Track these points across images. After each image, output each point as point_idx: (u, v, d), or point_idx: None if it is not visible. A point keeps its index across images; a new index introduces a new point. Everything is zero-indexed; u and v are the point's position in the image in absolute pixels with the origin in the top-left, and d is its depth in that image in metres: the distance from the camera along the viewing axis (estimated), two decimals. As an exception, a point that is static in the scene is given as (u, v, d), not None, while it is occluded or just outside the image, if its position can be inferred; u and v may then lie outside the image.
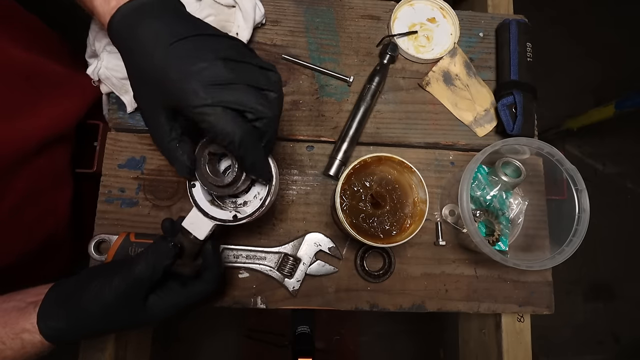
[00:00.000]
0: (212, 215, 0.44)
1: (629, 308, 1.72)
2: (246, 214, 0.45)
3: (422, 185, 0.52)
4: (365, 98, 0.63)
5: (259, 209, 0.45)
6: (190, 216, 0.45)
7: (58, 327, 0.40)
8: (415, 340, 1.60)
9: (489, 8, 0.76)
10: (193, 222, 0.45)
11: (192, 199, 0.45)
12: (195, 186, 0.45)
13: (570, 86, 1.91)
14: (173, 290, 0.44)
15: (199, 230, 0.45)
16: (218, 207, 0.46)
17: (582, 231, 0.55)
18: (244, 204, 0.48)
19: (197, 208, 0.45)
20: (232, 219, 0.44)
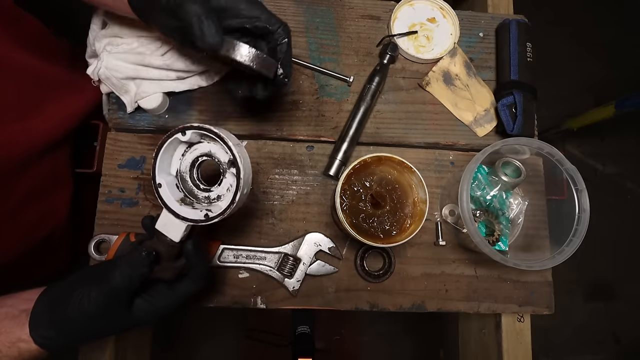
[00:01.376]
0: (182, 216, 0.42)
1: (629, 308, 1.72)
2: (219, 210, 0.42)
3: (422, 185, 0.52)
4: (365, 98, 0.62)
5: (229, 205, 0.42)
6: (162, 218, 0.43)
7: (49, 335, 0.40)
8: (415, 340, 1.60)
9: (489, 8, 0.76)
10: (165, 224, 0.43)
11: (161, 200, 0.42)
12: (162, 186, 0.43)
13: (570, 86, 1.90)
14: (160, 292, 0.43)
15: (173, 233, 0.43)
16: (189, 206, 0.43)
17: (582, 231, 0.55)
18: (218, 199, 0.44)
19: (166, 209, 0.42)
20: (204, 219, 0.42)
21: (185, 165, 0.44)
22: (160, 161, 0.42)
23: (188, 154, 0.44)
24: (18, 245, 0.54)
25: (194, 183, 0.45)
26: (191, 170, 0.45)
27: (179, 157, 0.44)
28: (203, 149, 0.44)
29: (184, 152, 0.44)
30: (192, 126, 0.41)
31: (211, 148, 0.43)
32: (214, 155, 0.43)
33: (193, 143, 0.44)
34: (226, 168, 0.43)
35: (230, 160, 0.42)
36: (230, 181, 0.43)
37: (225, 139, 0.40)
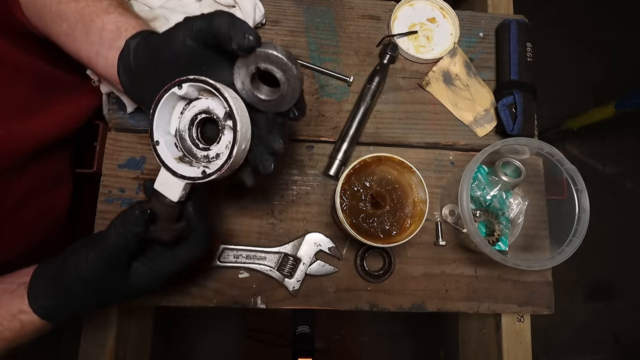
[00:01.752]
0: (180, 174, 0.40)
1: (629, 308, 1.72)
2: (217, 167, 0.40)
3: (422, 185, 0.52)
4: (365, 98, 0.63)
5: (227, 160, 0.40)
6: (159, 177, 0.42)
7: (48, 305, 0.40)
8: (415, 340, 1.60)
9: (489, 8, 0.76)
10: (163, 183, 0.41)
11: (158, 157, 0.41)
12: (160, 143, 0.41)
13: (570, 86, 1.91)
14: (159, 255, 0.43)
15: (170, 192, 0.41)
16: (187, 164, 0.41)
17: (582, 231, 0.55)
18: (217, 157, 0.42)
19: (163, 167, 0.41)
20: (201, 176, 0.40)
21: (184, 124, 0.43)
22: (158, 118, 0.41)
23: (187, 111, 0.43)
24: (17, 244, 0.54)
25: (193, 142, 0.44)
26: (190, 129, 0.43)
27: (177, 115, 0.43)
28: (201, 105, 0.42)
29: (183, 110, 0.43)
30: (188, 79, 0.39)
31: (209, 104, 0.42)
32: (212, 111, 0.42)
33: (191, 100, 0.42)
34: (224, 124, 0.41)
35: (226, 113, 0.41)
36: (229, 138, 0.41)
37: (221, 89, 0.39)
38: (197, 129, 0.43)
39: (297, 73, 0.40)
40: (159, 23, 0.59)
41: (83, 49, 0.47)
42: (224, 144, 0.42)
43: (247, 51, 0.38)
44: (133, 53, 0.43)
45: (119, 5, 0.48)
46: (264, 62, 0.39)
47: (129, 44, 0.43)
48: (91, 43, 0.46)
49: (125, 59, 0.43)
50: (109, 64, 0.45)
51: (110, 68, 0.45)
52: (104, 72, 0.47)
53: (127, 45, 0.43)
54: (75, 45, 0.48)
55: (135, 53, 0.43)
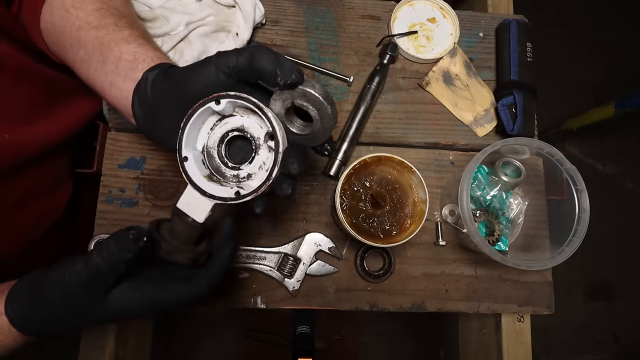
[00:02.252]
0: (210, 193, 0.38)
1: (629, 308, 1.72)
2: (251, 188, 0.38)
3: (422, 185, 0.52)
4: (365, 98, 0.63)
5: (265, 182, 0.37)
6: (185, 195, 0.39)
7: (23, 313, 0.38)
8: (415, 340, 1.60)
9: (489, 8, 0.76)
10: (189, 203, 0.38)
11: (186, 174, 0.38)
12: (188, 159, 0.38)
13: (570, 86, 1.91)
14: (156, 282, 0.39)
15: (196, 212, 0.38)
16: (217, 183, 0.39)
17: (582, 231, 0.55)
18: (248, 177, 0.40)
19: (191, 185, 0.38)
20: (234, 197, 0.37)
21: (214, 140, 0.40)
22: (188, 133, 0.38)
23: (217, 127, 0.40)
24: (15, 244, 0.54)
25: (222, 160, 0.41)
26: (219, 146, 0.40)
27: (207, 130, 0.40)
28: (235, 123, 0.39)
29: (213, 126, 0.40)
30: (229, 94, 0.37)
31: (244, 122, 0.39)
32: (247, 130, 0.39)
33: (225, 116, 0.40)
34: (260, 144, 0.39)
35: (268, 133, 0.38)
36: (264, 158, 0.39)
37: (264, 109, 0.37)
38: (227, 146, 0.41)
39: (332, 114, 0.40)
40: (159, 23, 0.59)
41: (97, 78, 0.46)
42: (257, 164, 0.40)
43: (290, 87, 0.38)
44: (151, 86, 0.41)
45: (140, 35, 0.47)
46: (301, 98, 0.39)
47: (146, 77, 0.42)
48: (106, 72, 0.45)
49: (142, 92, 0.42)
50: (122, 95, 0.44)
51: (124, 99, 0.44)
52: (117, 103, 0.45)
53: (144, 77, 0.42)
54: (90, 73, 0.46)
55: (153, 86, 0.41)
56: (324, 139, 0.42)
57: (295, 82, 0.37)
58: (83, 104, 0.60)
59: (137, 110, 0.43)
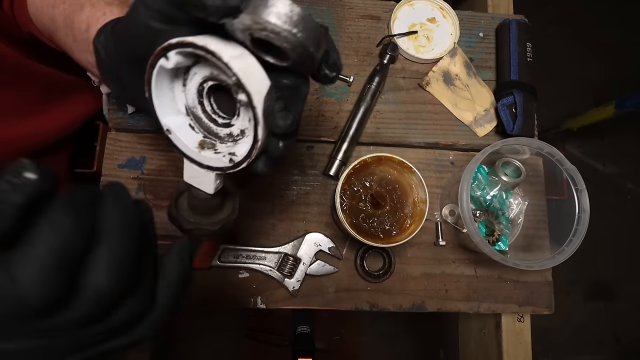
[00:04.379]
0: (206, 165, 0.33)
1: (629, 308, 1.72)
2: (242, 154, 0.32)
3: (422, 185, 0.52)
4: (365, 98, 0.63)
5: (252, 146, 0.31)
6: (185, 169, 0.35)
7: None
8: (415, 340, 1.60)
9: (489, 8, 0.76)
10: (193, 176, 0.35)
11: (175, 148, 0.33)
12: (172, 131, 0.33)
13: (570, 86, 1.90)
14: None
15: (204, 184, 0.35)
16: (211, 150, 0.34)
17: (582, 231, 0.55)
18: (242, 134, 0.33)
19: (186, 158, 0.34)
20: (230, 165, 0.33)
21: (192, 98, 0.34)
22: (158, 101, 0.32)
23: (188, 82, 0.33)
24: None
25: (209, 118, 0.34)
26: (201, 102, 0.34)
27: (180, 89, 0.34)
28: (203, 73, 0.32)
29: (184, 82, 0.33)
30: (171, 44, 0.28)
31: (212, 70, 0.31)
32: (217, 77, 0.32)
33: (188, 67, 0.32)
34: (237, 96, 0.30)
35: (235, 84, 0.29)
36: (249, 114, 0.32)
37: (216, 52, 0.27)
38: (209, 99, 0.34)
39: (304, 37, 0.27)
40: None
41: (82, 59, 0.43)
42: (245, 116, 0.32)
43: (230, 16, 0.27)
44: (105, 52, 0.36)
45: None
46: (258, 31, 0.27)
47: (96, 47, 0.36)
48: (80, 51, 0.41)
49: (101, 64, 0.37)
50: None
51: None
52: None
53: (95, 48, 0.37)
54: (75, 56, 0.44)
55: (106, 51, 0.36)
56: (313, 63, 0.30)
57: (228, 11, 0.26)
58: (81, 102, 0.60)
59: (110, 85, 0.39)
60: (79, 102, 0.59)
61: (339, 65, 0.33)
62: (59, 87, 0.57)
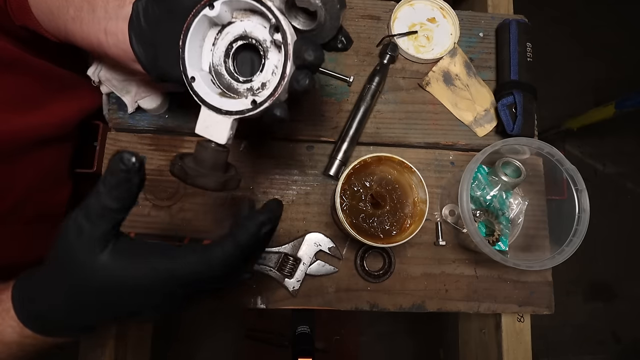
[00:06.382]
0: (225, 110, 0.35)
1: (629, 308, 1.72)
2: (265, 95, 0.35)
3: (422, 185, 0.52)
4: (365, 98, 0.63)
5: (280, 80, 0.35)
6: (201, 118, 0.36)
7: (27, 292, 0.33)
8: (415, 340, 1.60)
9: (489, 8, 0.76)
10: (207, 126, 0.36)
11: (196, 95, 0.36)
12: (196, 79, 0.36)
13: (570, 86, 1.91)
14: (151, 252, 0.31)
15: (216, 134, 0.36)
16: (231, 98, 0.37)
17: (582, 231, 0.55)
18: (262, 87, 0.37)
19: (204, 105, 0.36)
20: (251, 106, 0.35)
21: (219, 56, 0.38)
22: (189, 51, 0.36)
23: (219, 41, 0.38)
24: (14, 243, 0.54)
25: (232, 75, 0.38)
26: (226, 61, 0.38)
27: (209, 48, 0.38)
28: (236, 31, 0.37)
29: (215, 41, 0.38)
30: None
31: (245, 26, 0.37)
32: (250, 34, 0.37)
33: (224, 26, 0.37)
34: (267, 47, 0.36)
35: (272, 26, 0.35)
36: (275, 62, 0.36)
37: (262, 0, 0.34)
38: (234, 60, 0.38)
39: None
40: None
41: (92, 31, 0.42)
42: (269, 70, 0.36)
43: None
44: (143, 14, 0.38)
45: None
46: None
47: (137, 6, 0.38)
48: (99, 21, 0.41)
49: (136, 25, 0.38)
50: (119, 38, 0.40)
51: (122, 44, 0.40)
52: (117, 51, 0.42)
53: (134, 8, 0.38)
54: (83, 29, 0.44)
55: (145, 14, 0.38)
56: (333, 30, 0.38)
57: None
58: (79, 99, 0.59)
59: (136, 48, 0.39)
60: (77, 97, 0.59)
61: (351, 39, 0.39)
62: (56, 81, 0.56)
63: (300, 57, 0.35)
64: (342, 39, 0.39)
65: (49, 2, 0.46)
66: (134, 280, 0.31)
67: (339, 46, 0.40)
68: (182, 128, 0.61)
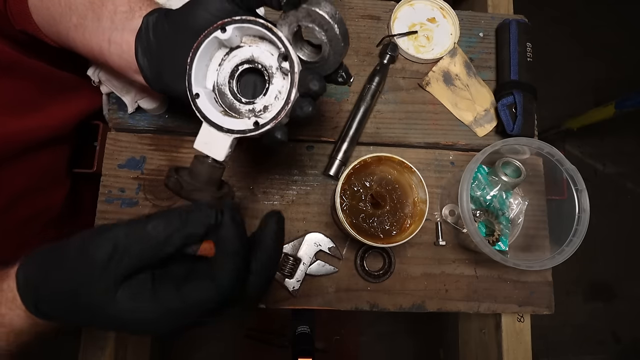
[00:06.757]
0: (227, 128, 0.36)
1: (629, 308, 1.72)
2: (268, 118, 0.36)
3: (422, 185, 0.52)
4: (365, 98, 0.62)
5: (284, 105, 0.36)
6: (201, 134, 0.37)
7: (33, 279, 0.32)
8: (415, 340, 1.60)
9: (489, 8, 0.76)
10: (207, 142, 0.37)
11: (199, 111, 0.36)
12: (200, 96, 0.37)
13: (570, 86, 1.91)
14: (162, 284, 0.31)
15: (215, 150, 0.37)
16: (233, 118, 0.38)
17: (582, 231, 0.55)
18: (264, 110, 0.38)
19: (206, 122, 0.36)
20: (253, 127, 0.36)
21: (224, 77, 0.39)
22: (196, 69, 0.37)
23: (226, 62, 0.39)
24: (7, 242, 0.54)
25: (235, 96, 0.39)
26: (230, 82, 0.39)
27: (215, 68, 0.39)
28: (244, 54, 0.38)
29: (221, 62, 0.39)
30: (234, 19, 0.35)
31: (253, 52, 0.38)
32: (257, 60, 0.38)
33: (232, 48, 0.39)
34: (273, 73, 0.38)
35: (281, 55, 0.37)
36: (278, 87, 0.38)
37: (274, 29, 0.36)
38: (237, 82, 0.39)
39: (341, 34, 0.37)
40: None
41: (94, 39, 0.43)
42: (272, 94, 0.38)
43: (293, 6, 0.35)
44: (152, 29, 0.39)
45: None
46: (306, 19, 0.36)
47: (147, 21, 0.39)
48: (103, 30, 0.42)
49: (144, 38, 0.39)
50: (124, 49, 0.41)
51: (125, 54, 0.41)
52: (119, 61, 0.43)
53: (144, 22, 0.39)
54: (86, 37, 0.44)
55: (155, 29, 0.39)
56: (335, 64, 0.40)
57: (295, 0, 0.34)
58: (78, 99, 0.59)
59: (142, 60, 0.40)
60: (76, 99, 0.59)
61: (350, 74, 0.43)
62: (55, 83, 0.56)
63: (305, 86, 0.37)
64: (342, 73, 0.42)
65: (51, 9, 0.46)
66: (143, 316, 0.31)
67: (339, 80, 0.42)
68: (182, 128, 0.61)
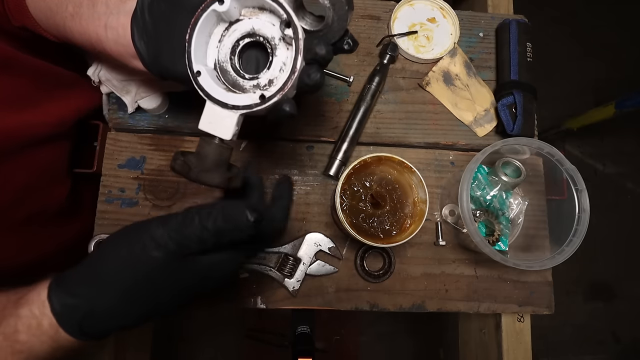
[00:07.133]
0: (232, 104, 0.35)
1: (629, 308, 1.72)
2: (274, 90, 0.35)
3: (422, 185, 0.52)
4: (365, 98, 0.63)
5: (290, 74, 0.35)
6: (205, 113, 0.36)
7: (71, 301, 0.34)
8: (415, 340, 1.60)
9: (489, 8, 0.76)
10: (211, 121, 0.36)
11: (201, 89, 0.35)
12: (202, 73, 0.36)
13: (570, 86, 1.91)
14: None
15: (221, 129, 0.35)
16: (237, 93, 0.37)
17: (582, 231, 0.55)
18: (269, 84, 0.37)
19: (209, 100, 0.35)
20: (259, 101, 0.35)
21: (225, 53, 0.38)
22: (196, 46, 0.35)
23: (226, 37, 0.37)
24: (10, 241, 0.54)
25: (237, 72, 0.38)
26: (232, 58, 0.38)
27: (215, 44, 0.38)
28: (244, 28, 0.37)
29: (221, 37, 0.38)
30: None
31: (254, 24, 0.37)
32: (259, 32, 0.37)
33: (232, 22, 0.37)
34: (275, 44, 0.36)
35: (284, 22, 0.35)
36: (283, 59, 0.36)
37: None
38: (239, 58, 0.38)
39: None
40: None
41: (91, 26, 0.42)
42: (276, 67, 0.36)
43: None
44: (148, 9, 0.38)
45: None
46: None
47: (142, 1, 0.38)
48: (99, 16, 0.41)
49: (140, 19, 0.38)
50: (120, 33, 0.40)
51: (122, 39, 0.40)
52: (116, 46, 0.41)
53: (139, 3, 0.38)
54: (82, 25, 0.43)
55: (150, 8, 0.38)
56: (340, 31, 0.38)
57: None
58: (75, 98, 0.59)
59: (138, 43, 0.39)
60: (74, 96, 0.59)
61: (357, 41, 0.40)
62: (53, 80, 0.56)
63: (312, 51, 0.35)
64: (348, 40, 0.39)
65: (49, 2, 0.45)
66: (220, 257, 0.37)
67: (346, 47, 0.40)
68: (182, 128, 0.61)
